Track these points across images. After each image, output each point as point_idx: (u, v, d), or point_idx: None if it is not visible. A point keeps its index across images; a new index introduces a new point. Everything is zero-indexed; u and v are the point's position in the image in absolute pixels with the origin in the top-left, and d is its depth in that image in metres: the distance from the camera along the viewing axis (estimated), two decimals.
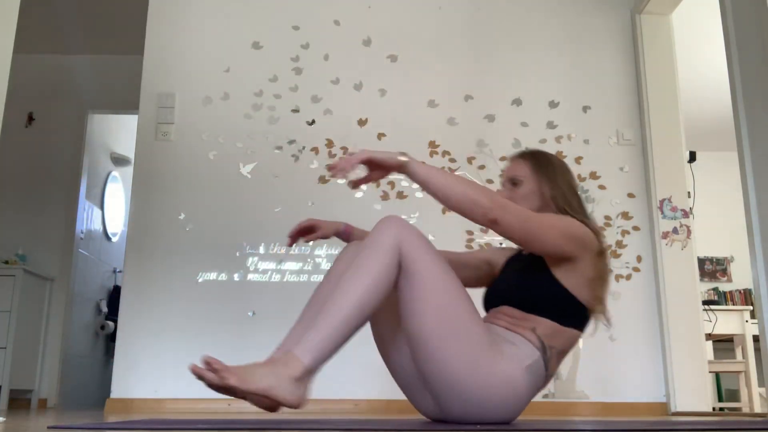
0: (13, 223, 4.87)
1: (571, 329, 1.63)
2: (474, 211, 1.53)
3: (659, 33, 3.65)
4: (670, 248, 3.38)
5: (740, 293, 6.43)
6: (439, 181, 1.55)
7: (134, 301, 3.32)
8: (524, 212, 1.57)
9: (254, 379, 1.32)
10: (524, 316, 1.62)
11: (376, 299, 1.45)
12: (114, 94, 5.04)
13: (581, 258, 1.61)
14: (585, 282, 1.62)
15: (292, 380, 1.35)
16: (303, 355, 1.37)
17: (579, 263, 1.62)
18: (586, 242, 1.62)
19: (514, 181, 1.79)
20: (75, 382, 4.96)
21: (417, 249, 1.50)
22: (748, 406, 4.34)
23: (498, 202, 1.54)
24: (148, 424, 1.63)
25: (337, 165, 1.50)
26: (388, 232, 1.49)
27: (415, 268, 1.49)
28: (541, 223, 1.58)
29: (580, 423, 1.89)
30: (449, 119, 3.58)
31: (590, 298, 1.63)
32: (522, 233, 1.56)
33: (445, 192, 1.55)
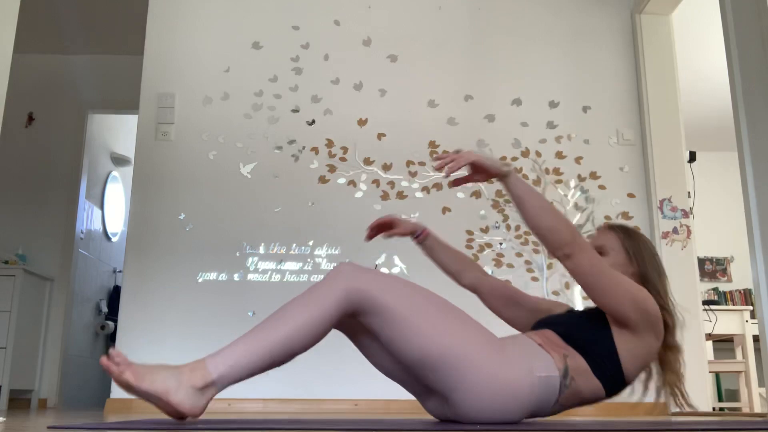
0: (13, 223, 4.87)
1: (599, 383, 1.60)
2: (553, 240, 1.53)
3: (659, 33, 3.65)
4: (670, 248, 3.38)
5: (740, 293, 6.43)
6: (532, 202, 1.54)
7: (134, 301, 3.32)
8: (601, 263, 1.55)
9: (153, 379, 1.30)
10: (563, 344, 1.60)
11: (303, 341, 1.40)
12: (114, 94, 5.05)
13: (642, 335, 1.58)
14: (636, 357, 1.60)
15: (194, 389, 1.33)
16: (213, 367, 1.34)
17: (640, 338, 1.58)
18: (652, 321, 1.58)
19: (601, 250, 1.75)
20: (75, 382, 4.96)
21: (373, 286, 1.46)
22: (748, 406, 4.34)
23: (579, 240, 1.53)
24: (148, 424, 1.63)
25: (446, 159, 1.52)
26: (338, 281, 1.44)
27: (380, 303, 1.45)
28: (615, 281, 1.55)
29: (580, 423, 1.89)
30: (449, 119, 3.58)
31: (633, 372, 1.62)
32: (591, 279, 1.54)
33: (535, 214, 1.54)
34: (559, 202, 3.49)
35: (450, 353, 1.47)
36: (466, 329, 1.53)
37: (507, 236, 3.44)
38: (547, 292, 3.38)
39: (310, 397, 3.05)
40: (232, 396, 3.19)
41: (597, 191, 3.51)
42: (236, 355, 1.36)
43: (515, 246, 3.43)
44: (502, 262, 3.41)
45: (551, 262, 3.42)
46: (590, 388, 1.61)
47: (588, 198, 3.50)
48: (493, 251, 3.42)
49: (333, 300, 1.43)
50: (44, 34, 4.90)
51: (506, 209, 3.47)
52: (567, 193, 3.51)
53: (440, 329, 1.50)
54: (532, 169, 3.53)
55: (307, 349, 1.43)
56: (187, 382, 1.32)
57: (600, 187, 3.52)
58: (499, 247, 3.43)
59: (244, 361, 1.36)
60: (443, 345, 1.47)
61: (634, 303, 1.55)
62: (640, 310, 1.55)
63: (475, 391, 1.48)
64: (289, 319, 1.41)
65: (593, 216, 3.48)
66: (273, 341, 1.38)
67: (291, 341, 1.39)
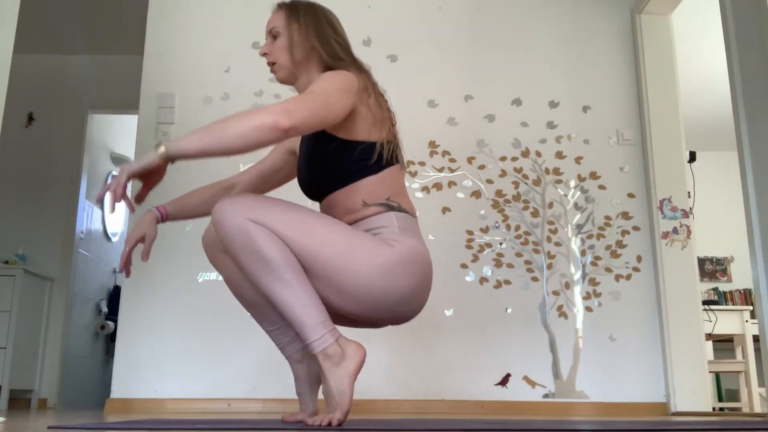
0: (13, 223, 4.87)
1: (385, 169, 1.68)
2: (266, 136, 1.48)
3: (659, 33, 3.65)
4: (670, 248, 3.39)
5: (740, 293, 6.44)
6: (209, 139, 1.50)
7: (134, 301, 3.32)
8: (305, 100, 1.54)
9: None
10: (347, 196, 1.66)
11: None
12: (114, 94, 5.05)
13: (357, 103, 1.64)
14: (367, 121, 1.66)
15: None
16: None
17: (355, 109, 1.64)
18: (354, 87, 1.63)
19: (273, 33, 1.79)
20: (75, 382, 4.96)
21: (263, 220, 1.53)
22: (748, 406, 4.34)
23: (277, 110, 1.49)
24: (148, 424, 1.63)
25: (103, 192, 1.52)
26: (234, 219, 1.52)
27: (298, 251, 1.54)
28: (321, 97, 1.57)
29: (580, 423, 1.89)
30: (449, 119, 3.58)
31: (378, 129, 1.68)
32: (318, 120, 1.55)
33: (225, 143, 1.49)
34: (559, 202, 3.49)
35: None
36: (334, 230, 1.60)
37: (507, 236, 3.44)
38: (547, 292, 3.38)
39: None
40: (232, 396, 3.20)
41: (597, 191, 3.51)
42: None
43: (515, 246, 3.43)
44: (502, 262, 3.41)
45: (551, 262, 3.42)
46: (390, 181, 1.71)
47: (588, 198, 3.50)
48: (493, 251, 3.42)
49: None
50: (44, 34, 4.90)
51: (506, 209, 3.47)
52: (567, 193, 3.51)
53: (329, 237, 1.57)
54: (532, 169, 3.53)
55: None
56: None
57: (600, 187, 3.52)
58: (499, 247, 3.43)
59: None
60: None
61: (340, 91, 1.59)
62: (345, 93, 1.60)
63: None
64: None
65: (593, 216, 3.48)
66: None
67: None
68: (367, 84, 1.70)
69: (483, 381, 3.27)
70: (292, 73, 1.78)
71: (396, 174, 1.71)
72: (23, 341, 4.34)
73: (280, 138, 1.49)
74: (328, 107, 1.56)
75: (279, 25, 1.78)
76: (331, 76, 1.63)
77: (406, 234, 1.65)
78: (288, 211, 1.56)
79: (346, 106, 1.60)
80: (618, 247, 3.45)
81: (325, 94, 1.57)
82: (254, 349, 3.23)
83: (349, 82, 1.63)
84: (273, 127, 1.47)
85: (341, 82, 1.61)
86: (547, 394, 3.26)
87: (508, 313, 3.36)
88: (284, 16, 1.78)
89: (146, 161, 1.51)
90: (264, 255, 1.50)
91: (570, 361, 3.30)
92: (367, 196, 1.66)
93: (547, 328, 3.34)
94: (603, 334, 3.34)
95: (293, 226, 1.54)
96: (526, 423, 1.69)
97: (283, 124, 1.48)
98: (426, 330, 3.30)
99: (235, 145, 1.48)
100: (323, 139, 1.66)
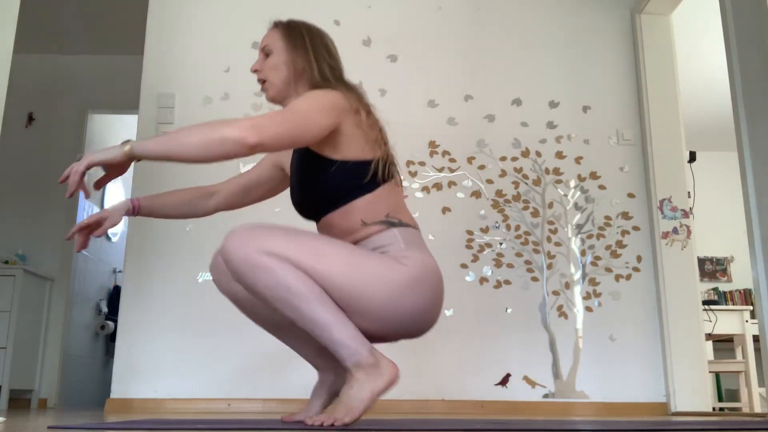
0: (13, 223, 4.87)
1: (380, 187, 1.64)
2: (230, 149, 1.46)
3: (659, 33, 3.65)
4: (670, 248, 3.39)
5: (740, 293, 6.44)
6: (174, 144, 1.50)
7: (134, 301, 3.32)
8: (278, 117, 1.52)
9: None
10: (344, 217, 1.64)
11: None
12: (114, 94, 5.05)
13: (343, 123, 1.61)
14: (358, 140, 1.63)
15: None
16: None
17: (343, 129, 1.61)
18: (338, 106, 1.60)
19: (266, 51, 1.77)
20: (75, 382, 4.96)
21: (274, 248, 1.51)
22: (748, 406, 4.34)
23: (245, 125, 1.47)
24: (148, 424, 1.63)
25: (63, 177, 1.52)
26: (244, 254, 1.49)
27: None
28: (299, 115, 1.54)
29: (580, 423, 1.89)
30: (449, 119, 3.58)
31: (371, 148, 1.64)
32: (290, 138, 1.53)
33: (187, 151, 1.49)
34: (559, 202, 3.49)
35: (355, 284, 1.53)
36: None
37: (507, 236, 3.44)
38: (547, 292, 3.38)
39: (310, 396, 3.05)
40: (232, 396, 3.20)
41: (597, 191, 3.51)
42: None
43: (515, 246, 3.43)
44: (502, 262, 3.41)
45: (551, 262, 3.42)
46: (390, 197, 1.69)
47: (588, 198, 3.50)
48: (493, 251, 3.42)
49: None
50: (44, 34, 4.90)
51: (506, 209, 3.47)
52: (567, 193, 3.51)
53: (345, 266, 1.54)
54: (532, 169, 3.53)
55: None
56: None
57: (600, 187, 3.52)
58: (499, 247, 3.43)
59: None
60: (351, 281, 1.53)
61: (321, 111, 1.56)
62: (326, 111, 1.57)
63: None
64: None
65: (593, 216, 3.48)
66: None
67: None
68: (356, 104, 1.67)
69: (483, 381, 3.27)
70: (282, 92, 1.76)
71: (392, 190, 1.68)
72: (23, 341, 4.34)
73: (245, 153, 1.47)
74: (302, 127, 1.53)
75: (272, 43, 1.77)
76: (313, 95, 1.61)
77: (413, 248, 1.63)
78: (296, 238, 1.53)
79: (325, 125, 1.57)
80: (618, 247, 3.45)
81: (303, 113, 1.55)
82: (254, 349, 3.23)
83: (333, 101, 1.60)
84: (238, 141, 1.45)
85: (324, 101, 1.59)
86: (547, 394, 3.26)
87: (508, 313, 3.36)
88: (279, 35, 1.77)
89: (110, 155, 1.52)
90: (285, 286, 1.47)
91: (570, 361, 3.30)
92: (366, 215, 1.63)
93: (547, 328, 3.34)
94: (603, 334, 3.34)
95: (304, 254, 1.50)
96: (526, 423, 1.69)
97: (249, 141, 1.45)
98: None
99: (197, 153, 1.48)
100: (312, 159, 1.64)
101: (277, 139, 1.50)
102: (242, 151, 1.47)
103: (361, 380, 1.50)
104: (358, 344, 1.50)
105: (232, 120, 1.49)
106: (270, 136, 1.48)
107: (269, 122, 1.50)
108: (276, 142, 1.50)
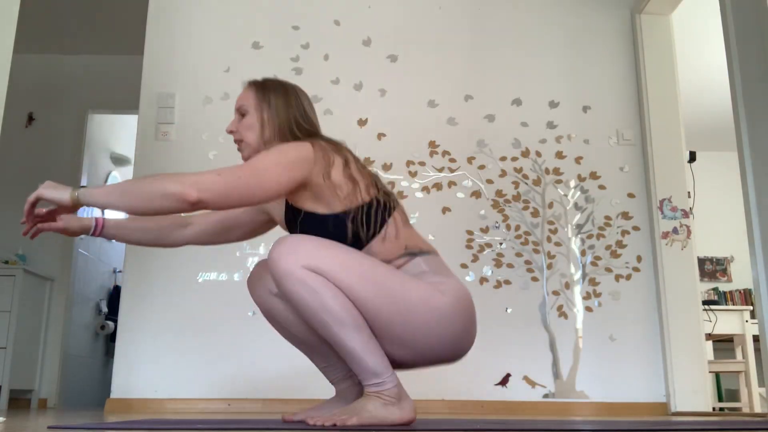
0: (13, 223, 4.85)
1: (387, 225, 1.62)
2: (171, 205, 1.45)
3: (659, 33, 3.65)
4: (670, 248, 3.39)
5: (740, 293, 6.44)
6: (118, 194, 1.49)
7: (134, 301, 3.32)
8: (228, 174, 1.48)
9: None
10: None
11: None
12: (114, 94, 5.04)
13: (313, 175, 1.57)
14: (334, 189, 1.58)
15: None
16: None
17: (313, 181, 1.57)
18: (307, 159, 1.56)
19: (241, 111, 1.75)
20: (75, 382, 4.96)
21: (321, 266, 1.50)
22: (748, 406, 4.34)
23: (188, 181, 1.45)
24: (148, 424, 1.63)
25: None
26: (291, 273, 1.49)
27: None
28: (253, 172, 1.50)
29: (580, 423, 1.89)
30: (449, 119, 3.58)
31: (350, 195, 1.59)
32: (239, 196, 1.49)
33: (130, 202, 1.48)
34: (559, 202, 3.49)
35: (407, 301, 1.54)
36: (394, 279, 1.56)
37: (507, 236, 3.44)
38: (547, 292, 3.38)
39: (310, 397, 3.05)
40: (232, 396, 3.20)
41: (597, 191, 3.51)
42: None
43: (515, 246, 3.43)
44: (502, 262, 3.41)
45: (551, 262, 3.42)
46: (403, 238, 1.66)
47: (588, 198, 3.50)
48: (493, 251, 3.42)
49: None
50: (44, 34, 4.90)
51: (506, 209, 3.47)
52: (567, 193, 3.51)
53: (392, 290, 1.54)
54: (532, 169, 3.53)
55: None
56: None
57: (600, 187, 3.52)
58: (499, 247, 3.43)
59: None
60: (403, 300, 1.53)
61: (280, 165, 1.52)
62: (287, 165, 1.53)
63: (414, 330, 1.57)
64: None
65: (593, 216, 3.48)
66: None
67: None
68: (332, 155, 1.62)
69: (483, 381, 3.27)
70: (257, 151, 1.70)
71: (400, 222, 1.65)
72: (23, 341, 4.33)
73: (186, 209, 1.46)
74: (252, 185, 1.50)
75: (247, 103, 1.74)
76: (278, 149, 1.57)
77: (442, 275, 1.62)
78: (344, 256, 1.52)
79: (284, 181, 1.53)
80: (618, 247, 3.45)
81: (260, 169, 1.51)
82: (254, 349, 3.23)
83: (300, 154, 1.56)
84: (179, 197, 1.44)
85: (289, 155, 1.55)
86: (547, 394, 3.26)
87: (508, 313, 3.36)
88: (253, 96, 1.75)
89: (58, 196, 1.53)
90: (324, 307, 1.47)
91: (570, 361, 3.30)
92: (385, 256, 1.61)
93: (547, 328, 3.34)
94: (603, 334, 3.34)
95: (351, 274, 1.49)
96: (526, 423, 1.69)
97: (189, 197, 1.44)
98: None
99: (139, 206, 1.47)
100: (309, 217, 1.61)
101: (222, 197, 1.47)
102: (182, 206, 1.45)
103: (377, 403, 1.50)
104: (386, 376, 1.51)
105: (177, 175, 1.47)
106: (212, 195, 1.46)
107: (214, 180, 1.47)
108: (221, 200, 1.47)
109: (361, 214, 1.59)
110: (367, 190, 1.62)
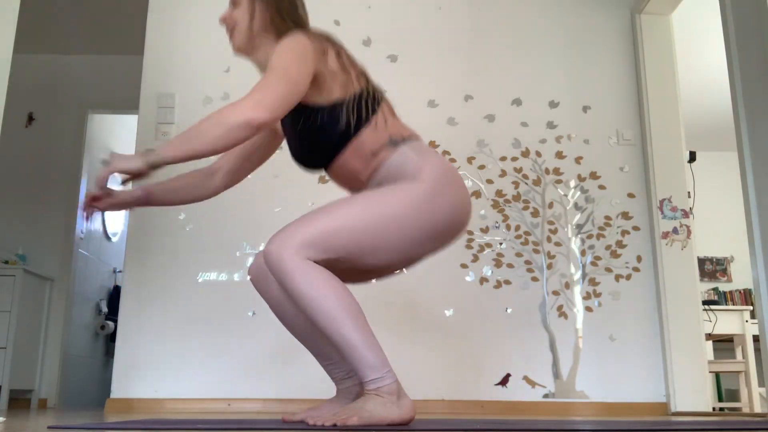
0: (13, 223, 4.87)
1: (375, 115, 1.68)
2: (246, 134, 1.51)
3: (659, 33, 3.65)
4: (670, 248, 3.39)
5: (740, 293, 6.44)
6: (186, 145, 1.52)
7: (134, 301, 3.32)
8: (270, 83, 1.54)
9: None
10: (355, 153, 1.68)
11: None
12: (114, 94, 5.05)
13: (318, 62, 1.62)
14: (339, 78, 1.65)
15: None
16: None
17: (320, 70, 1.63)
18: (310, 49, 1.61)
19: (234, 2, 1.81)
20: (75, 382, 4.96)
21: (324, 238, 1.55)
22: (748, 406, 4.34)
23: (249, 105, 1.51)
24: (148, 424, 1.63)
25: (87, 201, 1.61)
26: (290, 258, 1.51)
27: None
28: (282, 77, 1.55)
29: (580, 423, 1.89)
30: (449, 119, 3.58)
31: (355, 82, 1.67)
32: (291, 95, 1.55)
33: (203, 148, 1.51)
34: (559, 202, 3.49)
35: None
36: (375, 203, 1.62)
37: (507, 236, 3.44)
38: (547, 292, 3.38)
39: (310, 396, 3.05)
40: (232, 396, 3.20)
41: (597, 191, 3.51)
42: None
43: (515, 246, 3.43)
44: (502, 262, 3.41)
45: (551, 262, 3.42)
46: (388, 130, 1.71)
47: (588, 198, 3.50)
48: (493, 251, 3.42)
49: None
50: (44, 34, 4.90)
51: (506, 209, 3.47)
52: (567, 193, 3.51)
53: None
54: (532, 169, 3.53)
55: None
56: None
57: (600, 187, 3.52)
58: (499, 247, 3.43)
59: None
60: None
61: (298, 61, 1.57)
62: (301, 60, 1.58)
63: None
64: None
65: (593, 216, 3.48)
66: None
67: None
68: (324, 44, 1.68)
69: (483, 381, 3.27)
70: (250, 40, 1.78)
71: (386, 114, 1.72)
72: (23, 341, 4.33)
73: (257, 132, 1.52)
74: (293, 84, 1.56)
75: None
76: (284, 48, 1.61)
77: (425, 156, 1.67)
78: (321, 216, 1.58)
79: (307, 74, 1.59)
80: (618, 247, 3.45)
81: (286, 68, 1.56)
82: (254, 349, 3.23)
83: (304, 47, 1.61)
84: (248, 125, 1.50)
85: (297, 49, 1.60)
86: (547, 394, 3.26)
87: (508, 313, 3.36)
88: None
89: (131, 165, 1.53)
90: (321, 297, 1.50)
91: (570, 361, 3.30)
92: (373, 146, 1.67)
93: (547, 328, 3.34)
94: (603, 334, 3.34)
95: (333, 225, 1.56)
96: (526, 423, 1.69)
97: (257, 120, 1.50)
98: (426, 330, 3.31)
99: (216, 147, 1.51)
100: (303, 110, 1.66)
101: (280, 104, 1.53)
102: (253, 132, 1.51)
103: (376, 402, 1.50)
104: (384, 371, 1.51)
105: (232, 106, 1.51)
106: (272, 108, 1.52)
107: (265, 93, 1.53)
108: (281, 107, 1.53)
109: (353, 103, 1.66)
110: (358, 79, 1.70)
